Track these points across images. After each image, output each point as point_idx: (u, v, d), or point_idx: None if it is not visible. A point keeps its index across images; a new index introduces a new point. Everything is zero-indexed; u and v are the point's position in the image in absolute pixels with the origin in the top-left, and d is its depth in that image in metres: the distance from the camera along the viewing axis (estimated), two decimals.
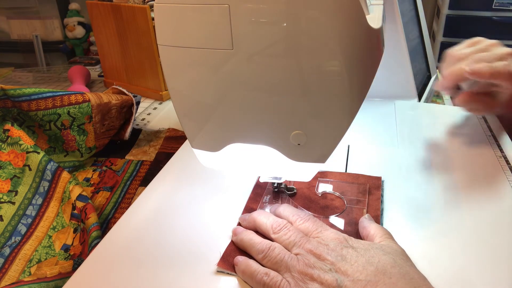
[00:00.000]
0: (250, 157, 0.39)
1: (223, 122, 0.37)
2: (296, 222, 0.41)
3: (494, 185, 0.49)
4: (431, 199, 0.47)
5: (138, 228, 0.45)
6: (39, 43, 1.39)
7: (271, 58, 0.31)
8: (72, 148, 0.64)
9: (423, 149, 0.57)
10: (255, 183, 0.51)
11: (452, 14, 1.64)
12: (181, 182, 0.53)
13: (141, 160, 0.65)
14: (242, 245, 0.40)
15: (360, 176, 0.51)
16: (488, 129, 0.61)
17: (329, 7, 0.29)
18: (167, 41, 0.34)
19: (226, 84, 0.34)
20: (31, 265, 0.48)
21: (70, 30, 1.35)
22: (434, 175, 0.52)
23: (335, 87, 0.32)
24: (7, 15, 1.57)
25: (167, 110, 0.84)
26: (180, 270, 0.39)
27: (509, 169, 0.51)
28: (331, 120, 0.34)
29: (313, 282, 0.34)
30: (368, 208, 0.46)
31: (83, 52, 1.38)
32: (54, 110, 0.61)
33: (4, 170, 0.56)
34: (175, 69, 0.35)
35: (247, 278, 0.37)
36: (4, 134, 0.57)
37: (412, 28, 0.74)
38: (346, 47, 0.31)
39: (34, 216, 0.54)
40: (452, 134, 0.60)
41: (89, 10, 0.89)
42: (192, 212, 0.47)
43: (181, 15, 0.32)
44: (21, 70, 1.19)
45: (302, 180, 0.42)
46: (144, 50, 0.84)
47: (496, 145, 0.57)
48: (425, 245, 0.41)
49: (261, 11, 0.30)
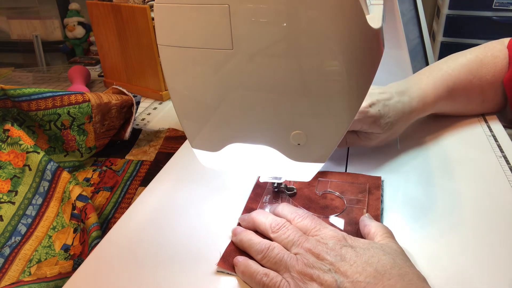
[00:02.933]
0: (250, 157, 0.39)
1: (223, 122, 0.37)
2: (294, 220, 0.41)
3: (494, 185, 0.49)
4: (431, 199, 0.47)
5: (138, 228, 0.45)
6: (39, 43, 1.39)
7: (271, 58, 0.31)
8: (72, 148, 0.64)
9: (423, 149, 0.57)
10: (255, 183, 0.51)
11: (452, 14, 1.64)
12: (181, 182, 0.53)
13: (141, 160, 0.65)
14: (241, 245, 0.40)
15: (360, 176, 0.51)
16: (488, 129, 0.61)
17: (329, 7, 0.29)
18: (167, 41, 0.34)
19: (226, 84, 0.34)
20: (31, 265, 0.48)
21: (70, 30, 1.35)
22: (434, 175, 0.52)
23: (335, 87, 0.32)
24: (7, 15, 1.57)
25: (167, 110, 0.84)
26: (180, 270, 0.39)
27: (509, 169, 0.51)
28: (331, 120, 0.34)
29: (312, 282, 0.34)
30: (368, 208, 0.46)
31: (83, 52, 1.38)
32: (54, 110, 0.61)
33: (4, 170, 0.56)
34: (175, 69, 0.35)
35: (247, 279, 0.37)
36: (4, 134, 0.57)
37: (412, 28, 0.74)
38: (346, 47, 0.30)
39: (34, 216, 0.54)
40: (452, 134, 0.60)
41: (89, 10, 0.89)
42: (192, 212, 0.47)
43: (181, 15, 0.32)
44: (21, 70, 1.19)
45: (302, 180, 0.42)
46: (144, 50, 0.84)
47: (496, 145, 0.57)
48: (425, 245, 0.41)
49: (261, 11, 0.30)
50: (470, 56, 0.60)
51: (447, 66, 0.59)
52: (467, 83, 0.59)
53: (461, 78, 0.58)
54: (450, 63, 0.60)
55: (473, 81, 0.59)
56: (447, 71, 0.59)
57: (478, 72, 0.59)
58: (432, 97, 0.57)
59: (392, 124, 0.53)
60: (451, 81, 0.58)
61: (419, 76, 0.59)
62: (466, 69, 0.59)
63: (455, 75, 0.58)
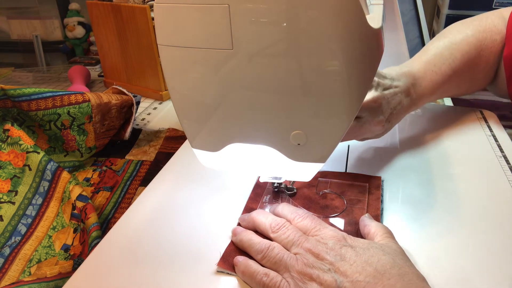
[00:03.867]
0: (250, 157, 0.39)
1: (223, 122, 0.37)
2: (294, 220, 0.41)
3: (494, 185, 0.49)
4: (431, 199, 0.47)
5: (138, 228, 0.45)
6: (39, 43, 1.39)
7: (271, 58, 0.31)
8: (72, 148, 0.64)
9: (423, 149, 0.57)
10: (255, 183, 0.51)
11: (452, 14, 1.64)
12: (181, 182, 0.53)
13: (141, 160, 0.65)
14: (241, 245, 0.40)
15: (360, 176, 0.51)
16: (488, 129, 0.61)
17: (329, 7, 0.29)
18: (167, 41, 0.34)
19: (226, 84, 0.34)
20: (31, 265, 0.48)
21: (70, 30, 1.35)
22: (434, 175, 0.52)
23: (335, 87, 0.32)
24: (7, 15, 1.57)
25: (167, 110, 0.84)
26: (180, 270, 0.39)
27: (509, 169, 0.51)
28: (331, 120, 0.34)
29: (312, 282, 0.34)
30: (368, 208, 0.46)
31: (83, 52, 1.38)
32: (54, 110, 0.61)
33: (4, 170, 0.56)
34: (175, 69, 0.35)
35: (247, 279, 0.37)
36: (4, 134, 0.57)
37: (412, 28, 0.74)
38: (346, 47, 0.30)
39: (34, 216, 0.54)
40: (452, 134, 0.60)
41: (89, 10, 0.89)
42: (192, 212, 0.47)
43: (181, 15, 0.32)
44: (21, 70, 1.19)
45: (302, 180, 0.42)
46: (144, 50, 0.84)
47: (496, 145, 0.57)
48: (424, 245, 0.41)
49: (261, 11, 0.30)
50: (471, 40, 0.59)
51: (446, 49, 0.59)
52: (462, 65, 0.58)
53: (458, 61, 0.58)
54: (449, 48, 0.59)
55: (467, 63, 0.59)
56: (447, 61, 0.58)
57: (476, 57, 0.59)
58: (430, 84, 0.56)
59: (392, 110, 0.51)
60: (449, 68, 0.57)
61: (416, 60, 0.59)
62: (465, 54, 0.59)
63: (454, 61, 0.58)
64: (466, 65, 0.58)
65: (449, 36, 0.60)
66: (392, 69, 0.55)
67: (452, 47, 0.59)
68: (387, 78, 0.52)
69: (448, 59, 0.58)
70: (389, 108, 0.51)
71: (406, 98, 0.53)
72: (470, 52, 0.59)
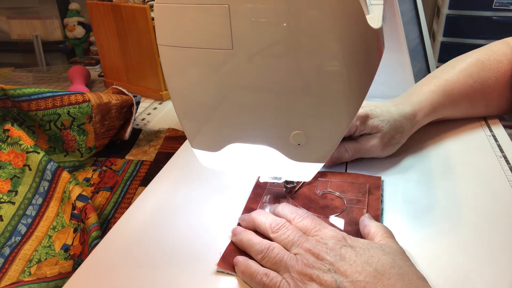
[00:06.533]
0: (250, 157, 0.39)
1: (223, 122, 0.37)
2: (294, 220, 0.41)
3: (494, 185, 0.49)
4: (431, 199, 0.47)
5: (138, 228, 0.45)
6: (39, 43, 1.39)
7: (271, 58, 0.31)
8: (72, 148, 0.64)
9: (423, 149, 0.57)
10: (255, 183, 0.51)
11: (452, 14, 1.64)
12: (181, 182, 0.53)
13: (141, 160, 0.65)
14: (241, 245, 0.40)
15: (360, 176, 0.51)
16: (488, 129, 0.61)
17: (329, 7, 0.29)
18: (167, 41, 0.34)
19: (226, 84, 0.34)
20: (31, 265, 0.48)
21: (70, 30, 1.35)
22: (434, 175, 0.52)
23: (335, 87, 0.32)
24: (7, 15, 1.57)
25: (167, 110, 0.84)
26: (180, 270, 0.39)
27: (509, 169, 0.51)
28: (331, 120, 0.34)
29: (312, 282, 0.34)
30: (368, 208, 0.46)
31: (83, 52, 1.38)
32: (54, 110, 0.61)
33: (4, 170, 0.56)
34: (175, 69, 0.35)
35: (247, 279, 0.37)
36: (4, 134, 0.57)
37: (412, 28, 0.74)
38: (346, 47, 0.30)
39: (34, 216, 0.54)
40: (452, 134, 0.60)
41: (89, 10, 0.89)
42: (192, 212, 0.47)
43: (181, 15, 0.32)
44: (21, 70, 1.19)
45: (302, 180, 0.42)
46: (144, 50, 0.84)
47: (496, 145, 0.57)
48: (425, 245, 0.41)
49: (261, 11, 0.30)
50: (470, 60, 0.59)
51: (445, 72, 0.59)
52: (467, 87, 0.58)
53: (460, 82, 0.58)
54: (449, 69, 0.59)
55: (474, 86, 0.58)
56: (444, 77, 0.58)
57: (480, 76, 0.58)
58: (428, 103, 0.56)
59: (386, 130, 0.52)
60: (449, 86, 0.57)
61: (416, 86, 0.59)
62: (465, 74, 0.58)
63: (453, 80, 0.58)
64: (464, 81, 0.58)
65: (444, 70, 0.61)
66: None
67: (448, 66, 0.60)
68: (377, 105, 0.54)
69: (443, 76, 0.58)
70: (378, 119, 0.52)
71: (400, 110, 0.55)
72: (469, 69, 0.58)
